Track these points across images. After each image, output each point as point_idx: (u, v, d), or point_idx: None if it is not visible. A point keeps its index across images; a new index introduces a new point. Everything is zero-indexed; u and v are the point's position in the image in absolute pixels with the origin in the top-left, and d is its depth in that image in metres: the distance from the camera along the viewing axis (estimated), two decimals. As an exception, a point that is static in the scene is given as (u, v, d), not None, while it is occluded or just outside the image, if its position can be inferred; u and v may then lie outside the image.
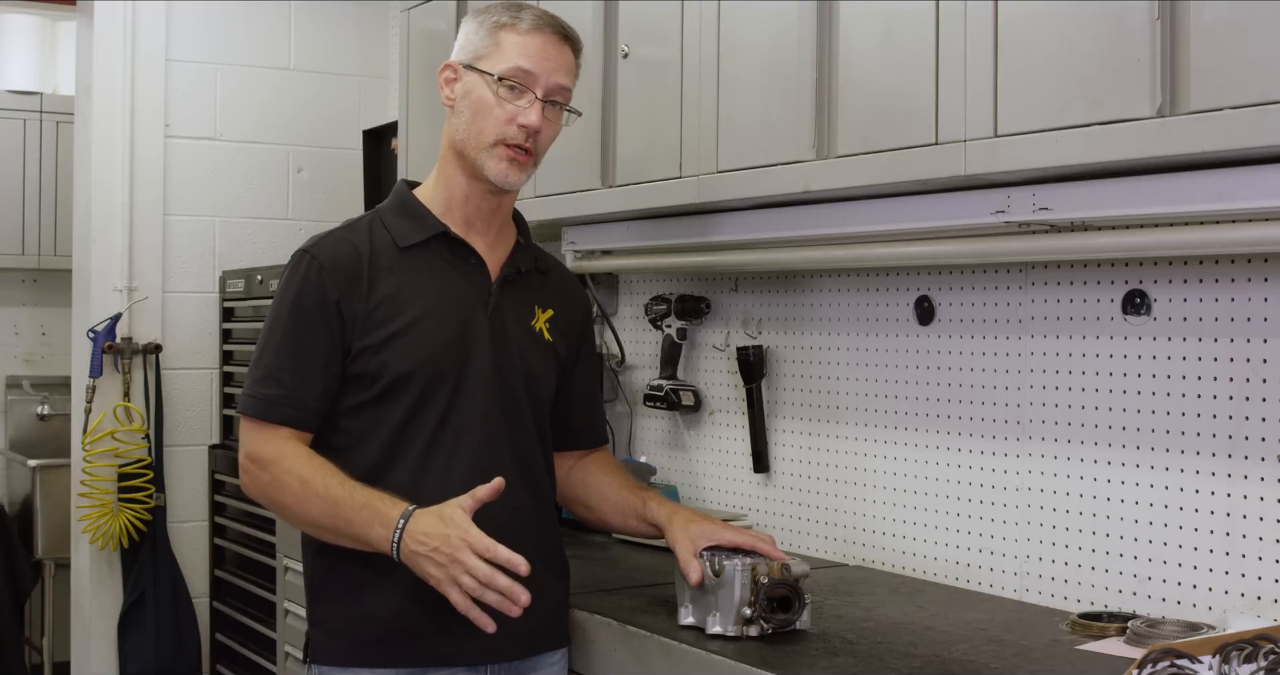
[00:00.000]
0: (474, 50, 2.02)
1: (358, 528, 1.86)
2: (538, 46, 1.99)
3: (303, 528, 1.98)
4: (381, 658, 1.95)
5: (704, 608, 1.92)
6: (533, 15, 2.01)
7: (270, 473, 1.93)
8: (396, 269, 2.00)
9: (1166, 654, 1.44)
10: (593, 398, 2.28)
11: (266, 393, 1.95)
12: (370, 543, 1.85)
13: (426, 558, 1.79)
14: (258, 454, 1.95)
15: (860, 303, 2.58)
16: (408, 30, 3.53)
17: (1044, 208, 1.94)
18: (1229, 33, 1.62)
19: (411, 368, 1.95)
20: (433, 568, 1.79)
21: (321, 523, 1.91)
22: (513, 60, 1.98)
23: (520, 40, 1.99)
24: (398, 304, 1.97)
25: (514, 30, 2.00)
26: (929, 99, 1.99)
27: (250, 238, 4.35)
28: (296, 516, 1.95)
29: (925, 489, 2.43)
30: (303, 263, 1.99)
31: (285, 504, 1.94)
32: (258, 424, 1.96)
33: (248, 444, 1.97)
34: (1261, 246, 1.82)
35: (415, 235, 2.03)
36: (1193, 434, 1.99)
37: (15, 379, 5.44)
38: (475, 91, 2.00)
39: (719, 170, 2.42)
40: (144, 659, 4.05)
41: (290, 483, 1.91)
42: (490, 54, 1.99)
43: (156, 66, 4.18)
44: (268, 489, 1.95)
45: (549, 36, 2.01)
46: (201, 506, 4.25)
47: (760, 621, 1.88)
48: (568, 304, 2.17)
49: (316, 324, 1.96)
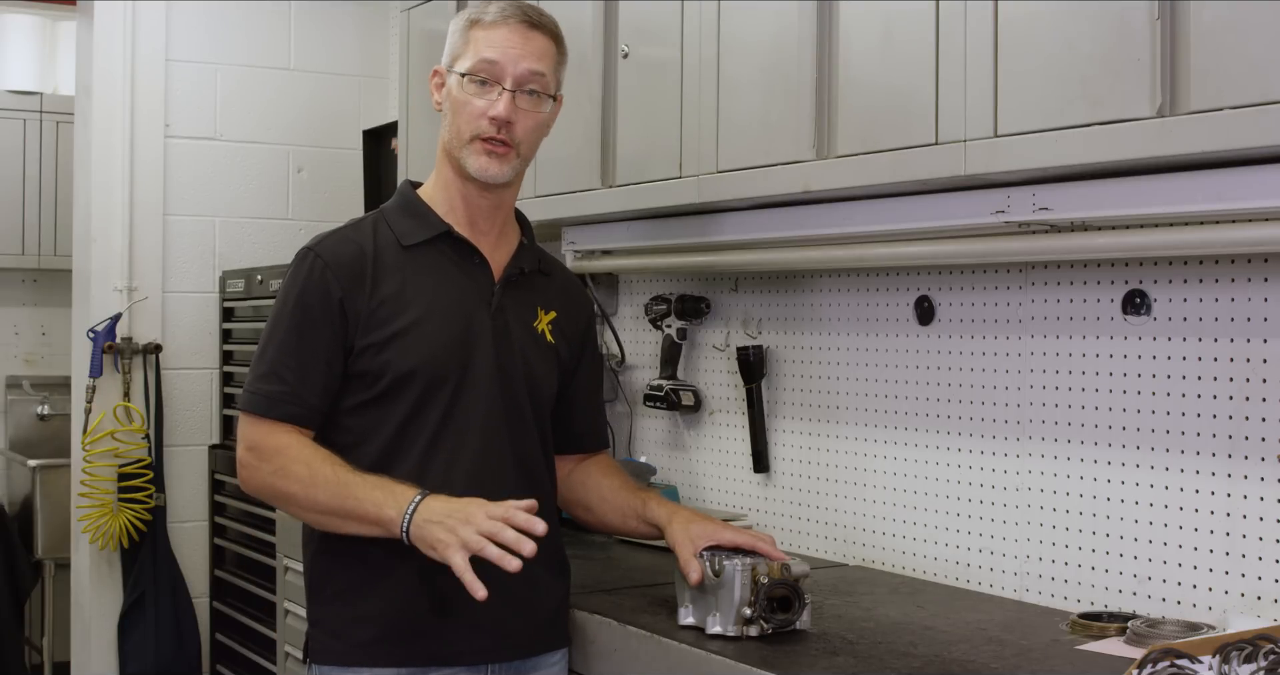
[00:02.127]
0: (452, 52, 2.04)
1: (368, 507, 1.84)
2: (502, 37, 2.00)
3: (307, 517, 1.96)
4: (382, 657, 1.95)
5: (704, 608, 1.92)
6: (498, 7, 2.02)
7: (274, 463, 1.92)
8: (400, 268, 1.99)
9: (1166, 654, 1.44)
10: (595, 402, 2.28)
11: (269, 389, 1.95)
12: (380, 522, 1.84)
13: (438, 524, 1.78)
14: (260, 445, 1.94)
15: (860, 303, 2.58)
16: (408, 30, 3.53)
17: (1044, 208, 1.94)
18: (1229, 33, 1.62)
19: (414, 367, 1.95)
20: (441, 532, 1.78)
21: (329, 507, 1.88)
22: (479, 53, 1.99)
23: (485, 34, 2.00)
24: (401, 303, 1.97)
25: (480, 25, 2.01)
26: (929, 99, 1.99)
27: (250, 238, 4.35)
28: (302, 504, 1.92)
29: (925, 489, 2.43)
30: (307, 261, 1.99)
31: (290, 492, 1.92)
32: (259, 420, 1.96)
33: (249, 438, 1.96)
34: (1261, 246, 1.82)
35: (419, 234, 2.03)
36: (1193, 434, 1.99)
37: (15, 379, 5.44)
38: (452, 93, 2.02)
39: (719, 170, 2.42)
40: (144, 659, 4.05)
41: (297, 470, 1.90)
42: (462, 53, 2.01)
43: (156, 66, 4.17)
44: (271, 479, 1.93)
45: (514, 26, 2.01)
46: (201, 506, 4.25)
47: (760, 621, 1.88)
48: (571, 308, 2.17)
49: (319, 322, 1.95)
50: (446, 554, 1.77)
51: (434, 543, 1.79)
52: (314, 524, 1.97)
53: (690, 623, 1.94)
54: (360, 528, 1.87)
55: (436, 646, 1.95)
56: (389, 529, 1.83)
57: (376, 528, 1.85)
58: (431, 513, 1.80)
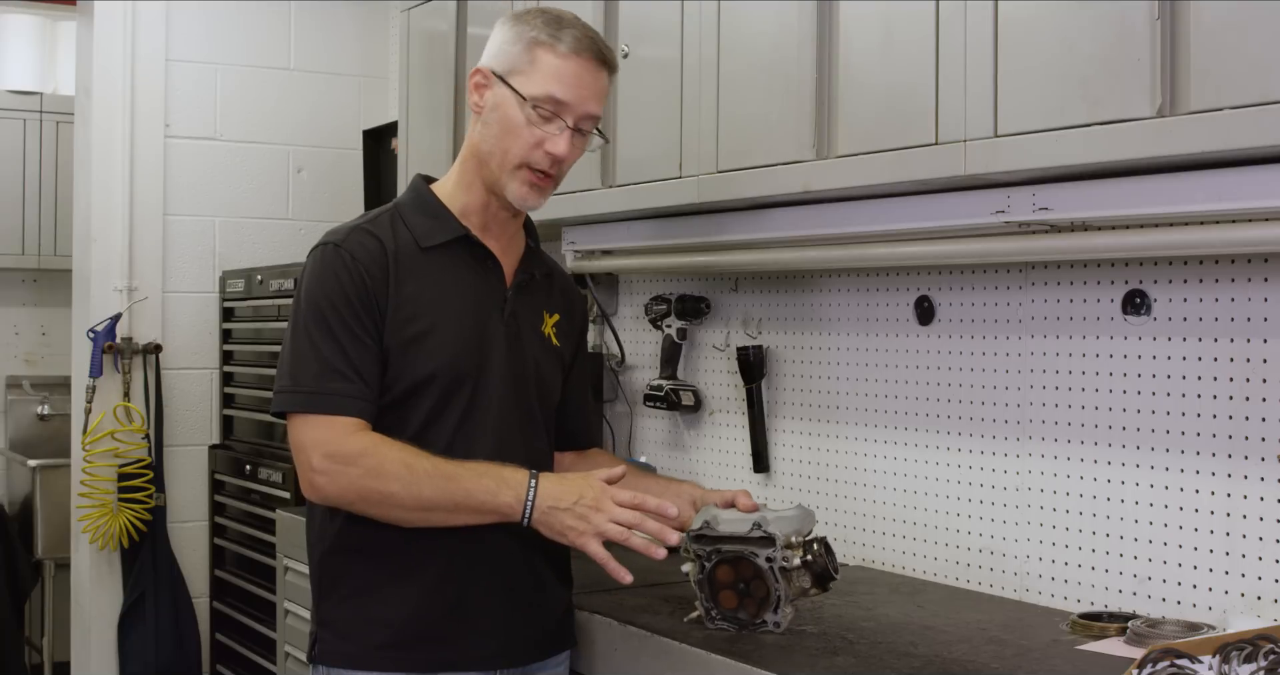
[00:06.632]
0: (509, 63, 1.95)
1: (481, 496, 1.83)
2: (573, 73, 1.93)
3: (406, 515, 1.87)
4: (392, 662, 1.93)
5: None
6: (573, 37, 1.94)
7: (362, 465, 1.85)
8: (418, 269, 1.96)
9: (1166, 654, 1.44)
10: (587, 399, 2.29)
11: (335, 387, 1.88)
12: (496, 509, 1.83)
13: (566, 511, 1.79)
14: (340, 451, 1.85)
15: (860, 303, 2.58)
16: (408, 30, 3.53)
17: (1044, 208, 1.94)
18: (1229, 33, 1.62)
19: (432, 371, 1.93)
20: (572, 520, 1.79)
21: (435, 502, 1.84)
22: (547, 87, 1.92)
23: (558, 64, 1.92)
24: (420, 305, 1.94)
25: (552, 51, 1.92)
26: (929, 99, 1.99)
27: (250, 238, 4.35)
28: (404, 502, 1.85)
29: (925, 489, 2.43)
30: (337, 256, 1.93)
31: (390, 491, 1.84)
32: (328, 420, 1.87)
33: (325, 443, 1.86)
34: (1261, 246, 1.82)
35: (437, 236, 1.99)
36: (1193, 434, 1.99)
37: (15, 379, 5.45)
38: (505, 108, 1.94)
39: (719, 170, 2.42)
40: (144, 659, 4.05)
41: (394, 468, 1.84)
42: (525, 71, 1.93)
43: (156, 66, 4.17)
44: (363, 481, 1.85)
45: (586, 62, 1.94)
46: (201, 506, 4.25)
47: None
48: (569, 308, 2.18)
49: (362, 315, 1.90)
50: (581, 542, 1.79)
51: (565, 530, 1.80)
52: (411, 522, 1.88)
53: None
54: (471, 518, 1.85)
55: (449, 652, 1.94)
56: (507, 516, 1.83)
57: (492, 516, 1.84)
58: (555, 499, 1.81)
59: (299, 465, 1.89)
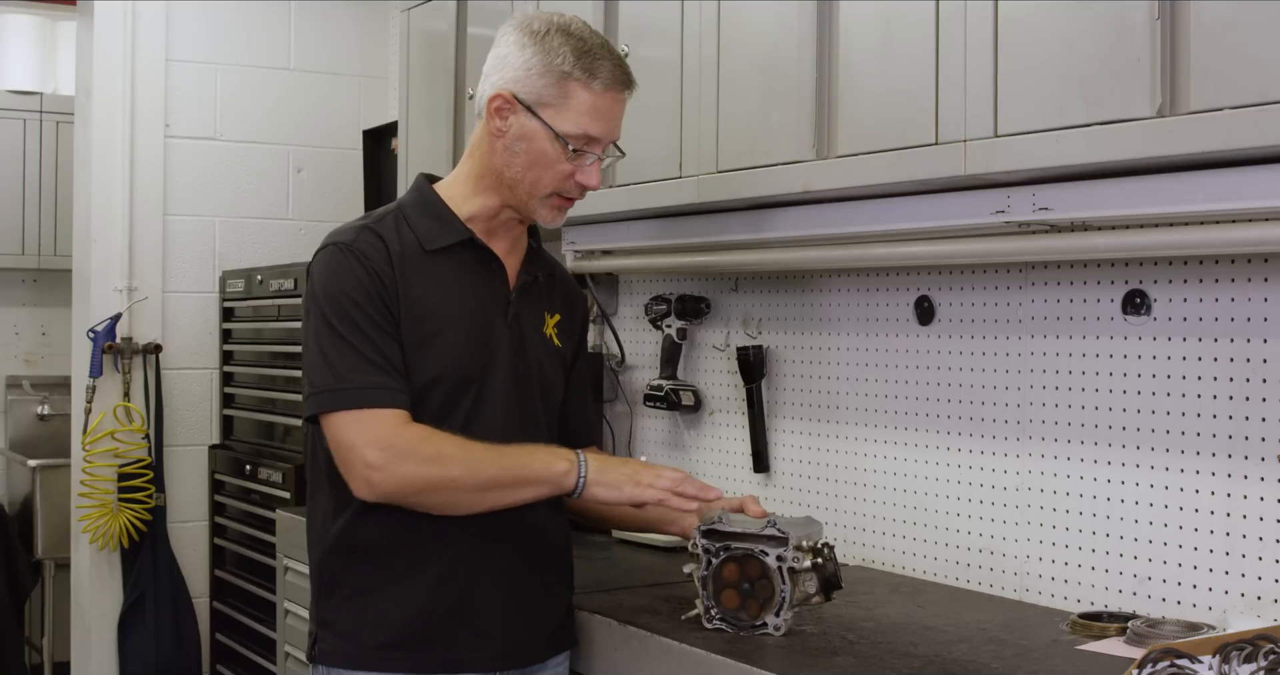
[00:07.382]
0: (537, 94, 1.92)
1: (538, 467, 1.88)
2: (606, 107, 1.94)
3: (466, 496, 1.87)
4: (392, 662, 1.92)
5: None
6: (608, 72, 1.93)
7: (421, 453, 1.84)
8: (423, 271, 1.95)
9: (1166, 654, 1.44)
10: (587, 399, 2.29)
11: (375, 380, 1.86)
12: (552, 478, 1.88)
13: (617, 471, 1.91)
14: (395, 443, 1.84)
15: (860, 303, 2.58)
16: (408, 30, 3.53)
17: (1044, 208, 1.94)
18: (1229, 33, 1.62)
19: (438, 374, 1.92)
20: (628, 472, 1.92)
21: (498, 480, 1.86)
22: (582, 125, 1.92)
23: (591, 100, 1.92)
24: (426, 307, 1.94)
25: (588, 88, 1.91)
26: (929, 99, 1.99)
27: (250, 238, 4.35)
28: (466, 484, 1.86)
29: (925, 489, 2.43)
30: (349, 255, 1.92)
31: (453, 476, 1.85)
32: (375, 414, 1.85)
33: (378, 438, 1.84)
34: (1261, 246, 1.82)
35: (441, 239, 1.98)
36: (1193, 434, 1.99)
37: (15, 379, 5.45)
38: (536, 141, 1.93)
39: (719, 170, 2.42)
40: (144, 659, 4.05)
41: (453, 453, 1.85)
42: (557, 105, 1.91)
43: (156, 66, 4.18)
44: (424, 470, 1.84)
45: (618, 94, 1.96)
46: (201, 506, 4.25)
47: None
48: (570, 308, 2.18)
49: (384, 311, 1.90)
50: (637, 492, 1.89)
51: (621, 483, 1.89)
52: (467, 506, 1.88)
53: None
54: (529, 492, 1.89)
55: (450, 653, 1.94)
56: (562, 484, 1.88)
57: (547, 487, 1.89)
58: (607, 465, 1.92)
59: (349, 465, 1.85)
